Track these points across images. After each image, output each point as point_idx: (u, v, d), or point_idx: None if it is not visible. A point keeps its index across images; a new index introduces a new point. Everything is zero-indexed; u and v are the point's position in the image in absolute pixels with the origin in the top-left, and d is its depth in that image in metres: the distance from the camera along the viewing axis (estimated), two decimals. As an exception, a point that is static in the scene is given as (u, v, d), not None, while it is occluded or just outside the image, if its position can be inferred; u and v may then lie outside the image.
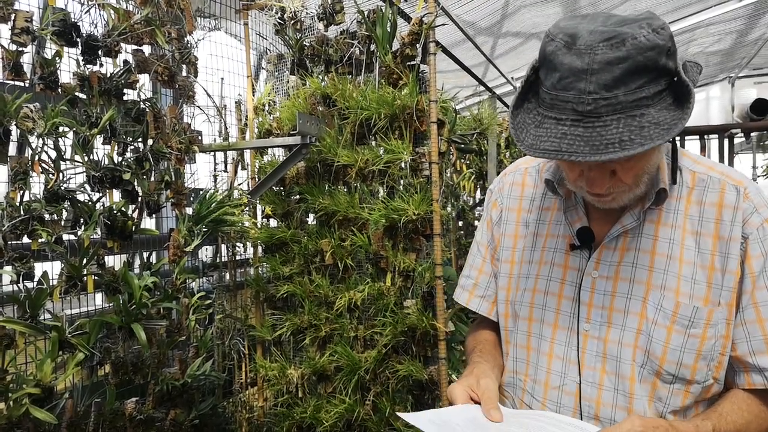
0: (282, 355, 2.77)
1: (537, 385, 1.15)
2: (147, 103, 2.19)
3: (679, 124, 0.85)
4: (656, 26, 0.88)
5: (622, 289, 1.07)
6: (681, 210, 1.07)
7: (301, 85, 2.77)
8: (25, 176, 1.83)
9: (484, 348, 1.27)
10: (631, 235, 1.08)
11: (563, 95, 0.88)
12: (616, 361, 1.06)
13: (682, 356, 1.02)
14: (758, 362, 1.02)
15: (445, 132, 2.48)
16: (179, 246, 2.26)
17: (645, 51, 0.85)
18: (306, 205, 2.71)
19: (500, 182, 1.32)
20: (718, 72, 8.07)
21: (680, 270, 1.04)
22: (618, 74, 0.85)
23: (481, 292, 1.32)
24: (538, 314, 1.16)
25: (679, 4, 5.41)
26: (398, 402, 2.45)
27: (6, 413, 1.73)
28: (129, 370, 2.10)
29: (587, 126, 0.86)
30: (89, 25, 2.05)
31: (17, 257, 1.81)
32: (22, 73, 1.87)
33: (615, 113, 0.86)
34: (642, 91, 0.86)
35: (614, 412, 1.06)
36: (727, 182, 1.06)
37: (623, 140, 0.84)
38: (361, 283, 2.54)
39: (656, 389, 1.05)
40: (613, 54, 0.84)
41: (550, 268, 1.16)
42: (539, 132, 0.91)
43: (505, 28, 5.17)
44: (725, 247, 1.03)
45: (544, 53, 0.92)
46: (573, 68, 0.86)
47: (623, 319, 1.06)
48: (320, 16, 2.68)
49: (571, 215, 1.14)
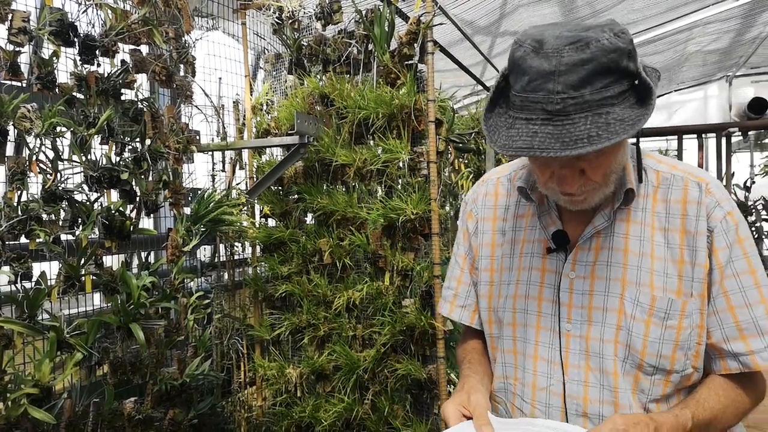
0: (280, 355, 2.77)
1: (525, 387, 1.18)
2: (145, 103, 2.18)
3: (642, 119, 0.90)
4: (617, 31, 0.92)
5: (599, 287, 1.11)
6: (648, 208, 1.12)
7: (299, 84, 2.77)
8: (22, 176, 1.82)
9: (472, 358, 1.30)
10: (603, 235, 1.12)
11: (533, 96, 0.92)
12: (599, 358, 1.10)
13: (661, 348, 1.06)
14: (732, 348, 1.06)
15: (443, 131, 2.48)
16: (177, 246, 2.26)
17: (608, 53, 0.90)
18: (304, 204, 2.71)
19: (474, 193, 1.35)
20: (715, 71, 8.09)
21: (652, 265, 1.09)
22: (584, 75, 0.89)
23: (461, 302, 1.35)
24: (521, 318, 1.19)
25: (676, 2, 5.41)
26: (397, 401, 2.45)
27: (4, 413, 1.73)
28: (127, 369, 2.10)
29: (557, 124, 0.90)
30: (86, 24, 2.05)
31: (15, 257, 1.81)
32: (19, 73, 1.86)
33: (582, 111, 0.90)
34: (607, 91, 0.90)
35: (601, 408, 1.09)
36: (689, 179, 1.11)
37: (591, 135, 0.88)
38: (359, 283, 2.54)
39: (639, 381, 1.08)
40: (578, 56, 0.89)
41: (528, 273, 1.19)
42: (511, 132, 0.95)
43: (503, 27, 5.17)
44: (693, 240, 1.07)
45: (513, 59, 0.96)
46: (541, 70, 0.90)
47: (603, 316, 1.10)
48: (318, 15, 2.68)
49: (545, 219, 1.18)
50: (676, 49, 6.72)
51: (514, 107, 0.96)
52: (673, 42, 6.48)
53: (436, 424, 2.40)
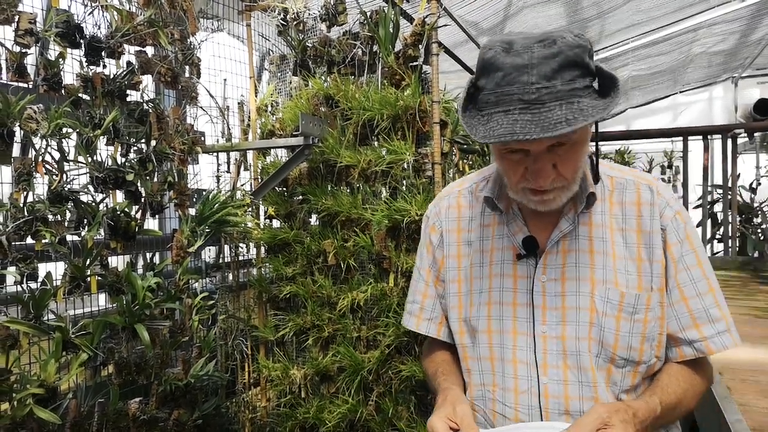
0: (285, 356, 2.78)
1: (506, 392, 1.20)
2: (150, 104, 2.19)
3: (611, 105, 0.97)
4: (576, 33, 1.01)
5: (570, 288, 1.16)
6: (606, 211, 1.19)
7: (303, 85, 2.77)
8: (28, 177, 1.83)
9: (445, 369, 1.31)
10: (569, 239, 1.18)
11: (508, 89, 0.98)
12: (575, 356, 1.15)
13: (630, 341, 1.13)
14: (687, 336, 1.15)
15: (447, 133, 2.48)
16: (182, 246, 2.26)
17: (573, 48, 0.97)
18: (309, 205, 2.72)
19: (436, 207, 1.37)
20: (721, 72, 8.06)
21: (615, 264, 1.16)
22: (555, 66, 0.96)
23: (428, 315, 1.37)
24: (497, 325, 1.21)
25: (682, 3, 5.40)
26: (401, 402, 2.45)
27: (10, 413, 1.73)
28: (132, 370, 2.11)
29: (534, 112, 0.96)
30: (92, 26, 2.06)
31: (21, 258, 1.81)
32: (25, 74, 1.87)
33: (556, 100, 0.96)
34: (575, 83, 0.98)
35: (582, 404, 1.14)
36: (640, 183, 1.20)
37: (568, 119, 0.94)
38: (363, 284, 2.54)
39: (611, 374, 1.15)
40: (548, 50, 0.97)
41: (501, 280, 1.22)
42: (489, 125, 0.99)
43: (507, 29, 5.17)
44: (649, 239, 1.16)
45: (483, 61, 1.03)
46: (515, 65, 0.98)
47: (576, 315, 1.15)
48: (323, 17, 2.68)
49: (512, 227, 1.22)
50: (682, 50, 6.70)
51: (489, 104, 1.01)
52: (678, 43, 6.46)
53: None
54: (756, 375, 1.83)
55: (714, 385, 1.60)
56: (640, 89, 8.23)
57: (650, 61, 6.88)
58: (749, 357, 2.01)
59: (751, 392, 1.66)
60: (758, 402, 1.60)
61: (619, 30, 5.83)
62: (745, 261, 4.45)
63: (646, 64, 6.96)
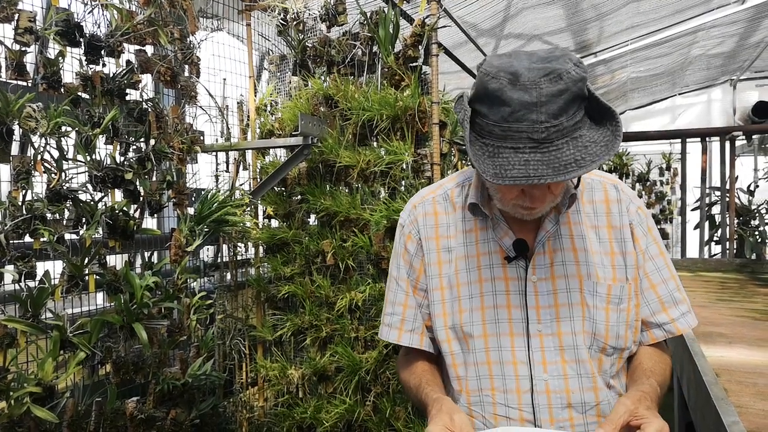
0: (283, 356, 2.78)
1: (509, 394, 1.21)
2: (149, 103, 2.19)
3: (615, 143, 1.00)
4: (576, 61, 1.01)
5: (561, 285, 1.21)
6: (580, 210, 1.26)
7: (303, 85, 2.78)
8: (27, 176, 1.83)
9: (430, 380, 1.29)
10: (552, 238, 1.23)
11: (517, 126, 0.99)
12: (573, 350, 1.20)
13: (618, 330, 1.21)
14: (657, 320, 1.24)
15: (446, 133, 2.48)
16: (181, 246, 2.26)
17: (577, 82, 0.99)
18: (307, 205, 2.72)
19: (411, 215, 1.36)
20: (719, 74, 8.07)
21: (594, 259, 1.22)
22: (562, 104, 0.98)
23: (409, 326, 1.35)
24: (492, 328, 1.23)
25: (681, 6, 5.41)
26: (398, 403, 2.45)
27: (7, 412, 1.73)
28: (130, 369, 2.11)
29: (544, 151, 0.98)
30: (92, 25, 2.06)
31: (19, 256, 1.81)
32: (25, 72, 1.87)
33: (563, 137, 0.99)
34: (576, 116, 1.01)
35: (583, 395, 1.19)
36: (606, 182, 1.29)
37: (577, 159, 0.97)
38: (362, 284, 2.54)
39: (602, 363, 1.21)
40: (555, 87, 0.98)
41: (492, 284, 1.24)
42: (498, 162, 1.00)
43: (507, 30, 5.18)
44: (620, 233, 1.24)
45: (487, 90, 1.02)
46: (523, 102, 0.98)
47: (569, 311, 1.20)
48: (323, 17, 2.68)
49: (498, 232, 1.24)
50: (681, 52, 6.71)
51: (493, 136, 1.02)
52: (677, 45, 6.47)
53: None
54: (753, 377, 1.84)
55: (711, 386, 1.60)
56: (639, 91, 8.24)
57: (649, 63, 6.90)
58: (746, 359, 2.01)
59: (747, 394, 1.66)
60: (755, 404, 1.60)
61: (618, 32, 5.84)
62: (743, 263, 4.46)
63: (645, 66, 6.98)
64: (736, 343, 2.20)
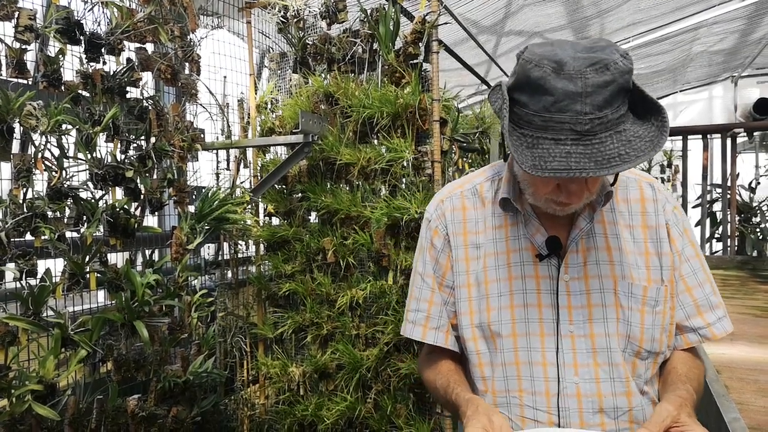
0: (284, 353, 2.78)
1: (537, 396, 1.17)
2: (150, 101, 2.19)
3: (660, 139, 0.97)
4: (623, 52, 0.98)
5: (594, 285, 1.17)
6: (614, 208, 1.22)
7: (303, 83, 2.77)
8: (28, 174, 1.83)
9: (458, 380, 1.25)
10: (586, 237, 1.19)
11: (559, 117, 0.95)
12: (606, 352, 1.15)
13: (653, 333, 1.16)
14: (693, 324, 1.20)
15: (447, 131, 2.47)
16: (181, 244, 2.26)
17: (624, 74, 0.96)
18: (308, 203, 2.72)
19: (438, 209, 1.31)
20: (721, 71, 8.05)
21: (628, 259, 1.18)
22: (607, 95, 0.94)
23: (434, 323, 1.30)
24: (522, 328, 1.18)
25: (682, 3, 5.40)
26: (399, 400, 2.45)
27: (9, 410, 1.73)
28: (131, 367, 2.11)
29: (586, 144, 0.95)
30: (92, 23, 2.06)
31: (20, 254, 1.82)
32: (25, 70, 1.87)
33: (607, 130, 0.95)
34: (621, 109, 0.97)
35: (615, 400, 1.14)
36: (641, 181, 1.25)
37: (621, 154, 0.94)
38: (362, 282, 2.54)
39: (636, 367, 1.17)
40: (601, 78, 0.94)
41: (522, 282, 1.20)
42: (538, 153, 0.96)
43: (507, 27, 5.17)
44: (655, 233, 1.20)
45: (529, 78, 0.98)
46: (567, 92, 0.94)
47: (603, 312, 1.16)
48: (323, 14, 2.68)
49: (530, 228, 1.21)
50: (682, 49, 6.70)
51: (533, 126, 0.98)
52: (678, 42, 6.46)
53: (439, 424, 2.40)
54: (754, 374, 1.84)
55: (712, 383, 1.60)
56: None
57: (650, 60, 6.88)
58: (748, 356, 2.01)
59: (749, 391, 1.66)
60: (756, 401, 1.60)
61: (619, 29, 5.83)
62: (744, 260, 4.45)
63: (646, 63, 6.96)
64: (738, 340, 2.19)
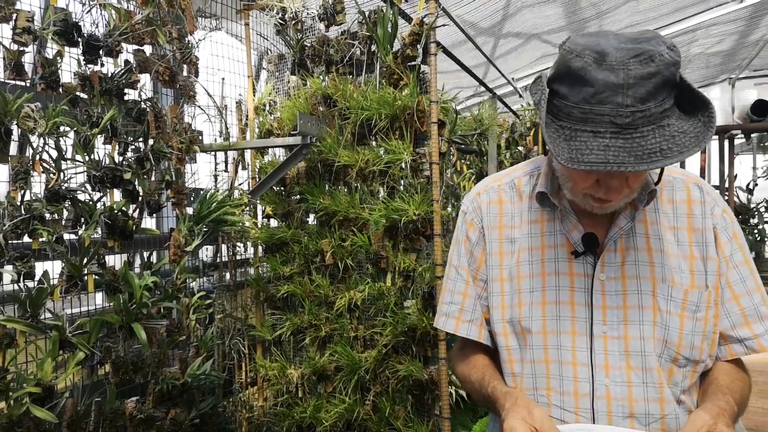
0: (282, 355, 2.78)
1: (566, 396, 1.15)
2: (148, 103, 2.19)
3: (705, 136, 0.92)
4: (669, 44, 0.95)
5: (632, 286, 1.13)
6: (658, 208, 1.18)
7: (301, 85, 2.77)
8: (26, 176, 1.83)
9: (493, 374, 1.23)
10: (626, 236, 1.15)
11: (599, 109, 0.92)
12: (640, 356, 1.11)
13: (693, 340, 1.11)
14: (738, 334, 1.14)
15: (445, 132, 2.48)
16: (180, 246, 2.26)
17: (670, 66, 0.92)
18: (306, 205, 2.72)
19: (474, 202, 1.31)
20: (718, 73, 8.07)
21: (670, 262, 1.14)
22: (651, 88, 0.91)
23: (468, 316, 1.29)
24: (553, 325, 1.16)
25: (680, 5, 5.41)
26: (398, 402, 2.45)
27: (6, 412, 1.73)
28: (129, 369, 2.11)
29: (626, 138, 0.91)
30: (90, 24, 2.06)
31: (18, 256, 1.81)
32: (23, 72, 1.87)
33: (649, 124, 0.92)
34: (666, 103, 0.93)
35: (647, 406, 1.10)
36: (689, 182, 1.20)
37: (663, 149, 0.90)
38: (361, 283, 2.54)
39: (673, 375, 1.12)
40: (645, 69, 0.91)
41: (556, 278, 1.17)
42: (575, 145, 0.93)
43: (505, 29, 5.17)
44: (701, 237, 1.15)
45: (569, 69, 0.95)
46: (609, 83, 0.91)
47: (639, 314, 1.11)
48: (321, 16, 2.68)
49: (567, 224, 1.18)
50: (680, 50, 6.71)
51: (571, 118, 0.96)
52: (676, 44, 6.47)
53: (437, 425, 2.40)
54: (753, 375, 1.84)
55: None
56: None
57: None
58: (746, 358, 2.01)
59: (747, 392, 1.67)
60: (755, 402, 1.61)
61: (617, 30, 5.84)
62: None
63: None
64: (735, 342, 2.19)
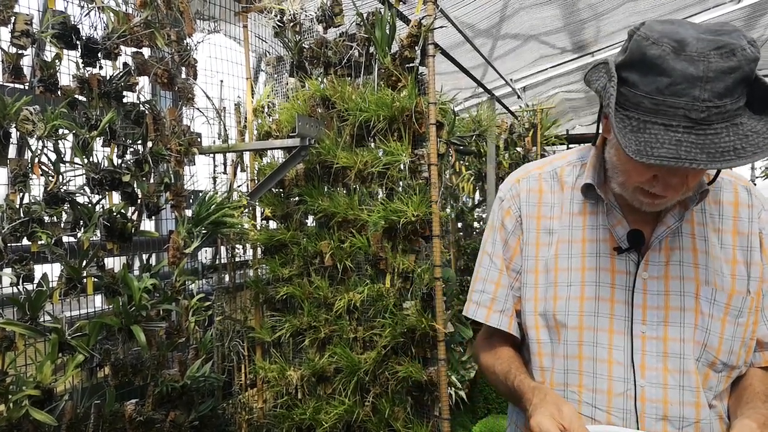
0: (281, 357, 2.78)
1: (598, 394, 1.12)
2: (146, 106, 2.19)
3: None
4: (750, 39, 0.90)
5: (674, 287, 1.10)
6: (705, 209, 1.15)
7: (300, 87, 2.78)
8: (24, 178, 1.83)
9: (519, 368, 1.20)
10: (672, 235, 1.12)
11: (673, 101, 0.88)
12: (679, 358, 1.09)
13: (733, 345, 1.09)
14: None
15: (444, 134, 2.48)
16: (179, 248, 2.26)
17: (750, 62, 0.88)
18: (305, 206, 2.72)
19: (513, 189, 1.27)
20: (716, 73, 8.09)
21: (714, 264, 1.11)
22: (730, 84, 0.87)
23: (500, 306, 1.25)
24: (590, 321, 1.13)
25: (678, 6, 5.43)
26: (398, 403, 2.45)
27: (6, 415, 1.73)
28: (129, 371, 2.11)
29: (699, 133, 0.87)
30: (89, 27, 2.06)
31: (17, 259, 1.81)
32: (21, 75, 1.87)
33: (723, 121, 0.88)
34: (740, 101, 0.89)
35: (682, 409, 1.08)
36: (737, 183, 1.17)
37: (736, 148, 0.86)
38: (360, 285, 2.54)
39: (708, 379, 1.10)
40: (726, 63, 0.86)
41: (596, 274, 1.14)
42: (644, 138, 0.89)
43: (503, 30, 5.18)
44: (746, 241, 1.12)
45: (644, 56, 0.91)
46: (687, 75, 0.87)
47: (680, 316, 1.09)
48: (319, 18, 2.68)
49: (611, 219, 1.15)
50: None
51: (640, 109, 0.92)
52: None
53: (437, 426, 2.40)
54: None
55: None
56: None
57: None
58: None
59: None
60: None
61: (615, 31, 5.85)
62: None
63: (642, 65, 6.99)
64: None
